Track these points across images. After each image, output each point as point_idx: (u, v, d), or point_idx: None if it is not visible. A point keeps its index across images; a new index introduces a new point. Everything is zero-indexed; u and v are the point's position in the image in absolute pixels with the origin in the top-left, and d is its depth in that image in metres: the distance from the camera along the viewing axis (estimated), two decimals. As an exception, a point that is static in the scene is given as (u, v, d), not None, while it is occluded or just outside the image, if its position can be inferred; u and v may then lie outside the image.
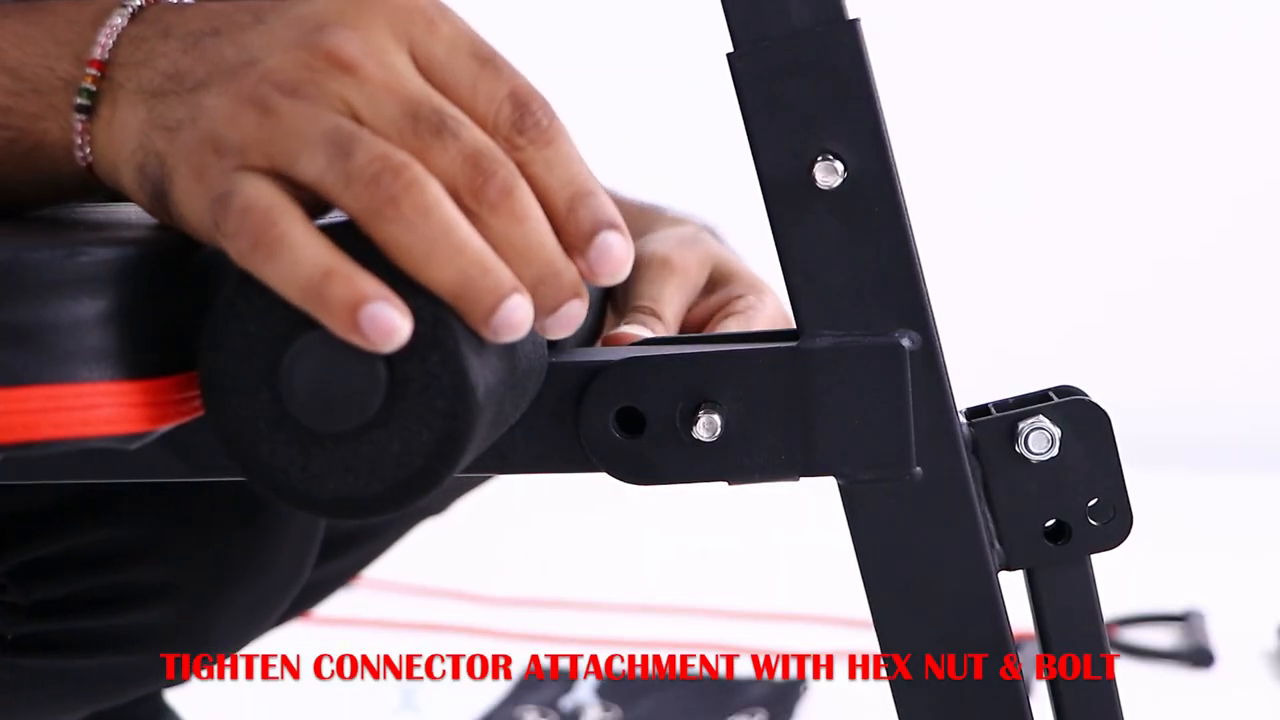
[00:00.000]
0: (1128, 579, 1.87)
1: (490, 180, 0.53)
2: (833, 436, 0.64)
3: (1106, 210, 2.60)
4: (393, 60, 0.54)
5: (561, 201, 0.54)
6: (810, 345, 0.63)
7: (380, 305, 0.51)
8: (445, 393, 0.53)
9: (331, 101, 0.53)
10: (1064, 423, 0.65)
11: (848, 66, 0.62)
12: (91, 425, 0.53)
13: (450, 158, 0.53)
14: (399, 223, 0.52)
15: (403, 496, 0.55)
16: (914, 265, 0.63)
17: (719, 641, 1.80)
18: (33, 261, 0.52)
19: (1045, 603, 0.67)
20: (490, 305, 0.52)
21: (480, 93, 0.55)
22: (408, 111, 0.53)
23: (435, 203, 0.52)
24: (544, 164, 0.54)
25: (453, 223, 0.52)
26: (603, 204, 0.55)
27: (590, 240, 0.54)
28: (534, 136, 0.54)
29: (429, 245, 0.52)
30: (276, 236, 0.51)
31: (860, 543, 0.65)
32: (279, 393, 0.54)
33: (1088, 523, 0.66)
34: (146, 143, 0.56)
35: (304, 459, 0.54)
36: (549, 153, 0.54)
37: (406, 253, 0.52)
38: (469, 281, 0.52)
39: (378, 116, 0.53)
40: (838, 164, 0.62)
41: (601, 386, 0.63)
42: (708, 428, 0.63)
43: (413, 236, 0.52)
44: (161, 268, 0.55)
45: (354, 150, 0.52)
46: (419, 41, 0.55)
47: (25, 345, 0.52)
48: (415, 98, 0.53)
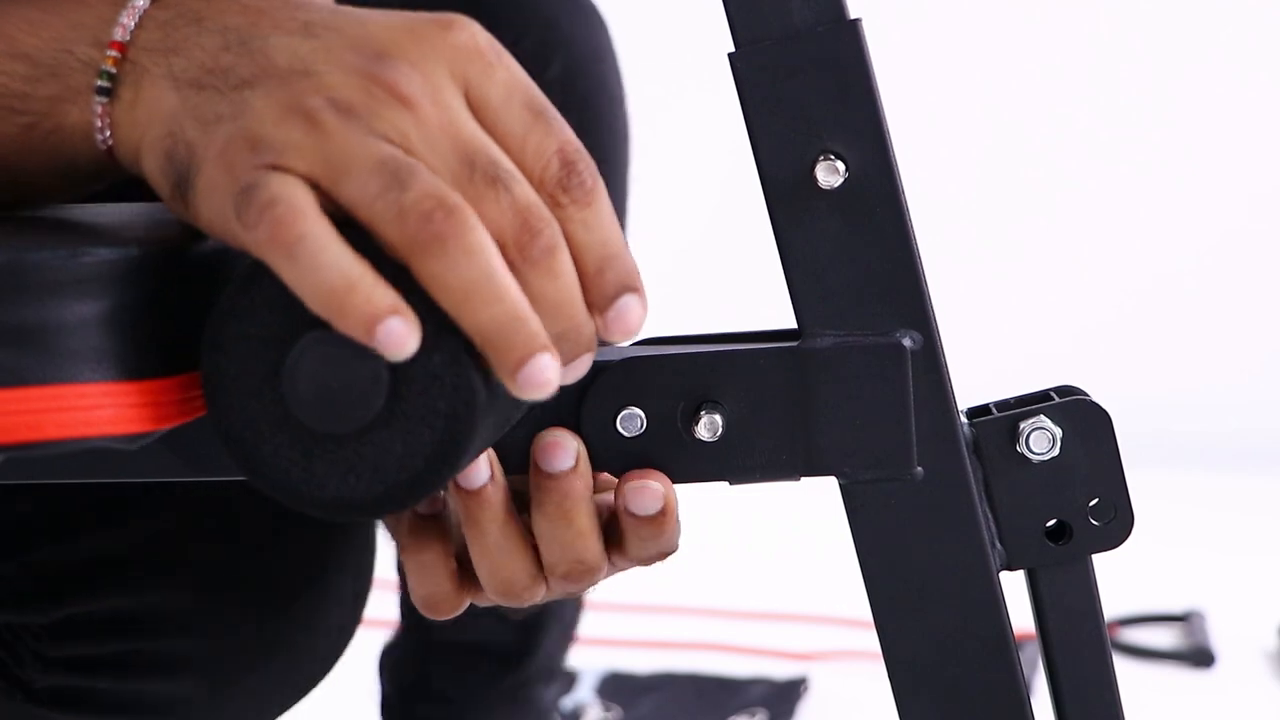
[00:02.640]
0: (1128, 579, 1.88)
1: (537, 238, 0.54)
2: (834, 436, 0.64)
3: (1108, 211, 2.60)
4: (449, 101, 0.54)
5: (593, 261, 0.56)
6: (812, 345, 0.63)
7: (397, 320, 0.52)
8: (447, 393, 0.53)
9: (386, 131, 0.53)
10: (1065, 423, 0.65)
11: (849, 66, 0.62)
12: (94, 425, 0.53)
13: (501, 210, 0.54)
14: (444, 260, 0.52)
15: (404, 497, 0.55)
16: (915, 265, 0.63)
17: (719, 641, 1.80)
18: (35, 262, 0.52)
19: (1046, 603, 0.66)
20: (521, 357, 0.53)
21: (530, 145, 0.55)
22: (464, 158, 0.54)
23: (481, 247, 0.53)
24: (582, 224, 0.56)
25: (496, 270, 0.53)
26: (629, 267, 0.56)
27: (612, 302, 0.56)
28: (577, 196, 0.55)
29: (470, 287, 0.52)
30: (298, 236, 0.52)
31: (861, 542, 0.65)
32: (281, 393, 0.54)
33: (1089, 523, 0.66)
34: (178, 130, 0.55)
35: (306, 460, 0.54)
36: (588, 213, 0.56)
37: (446, 290, 0.52)
38: (503, 330, 0.53)
39: (433, 156, 0.54)
40: (839, 164, 0.62)
41: (603, 387, 0.63)
42: (709, 428, 0.63)
43: (455, 276, 0.52)
44: (164, 268, 0.55)
45: (411, 183, 0.52)
46: (475, 84, 0.55)
47: (28, 346, 0.52)
48: (471, 145, 0.54)
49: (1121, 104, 2.58)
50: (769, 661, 1.77)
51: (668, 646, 1.79)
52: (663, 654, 1.79)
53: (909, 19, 2.44)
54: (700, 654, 1.79)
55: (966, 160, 2.59)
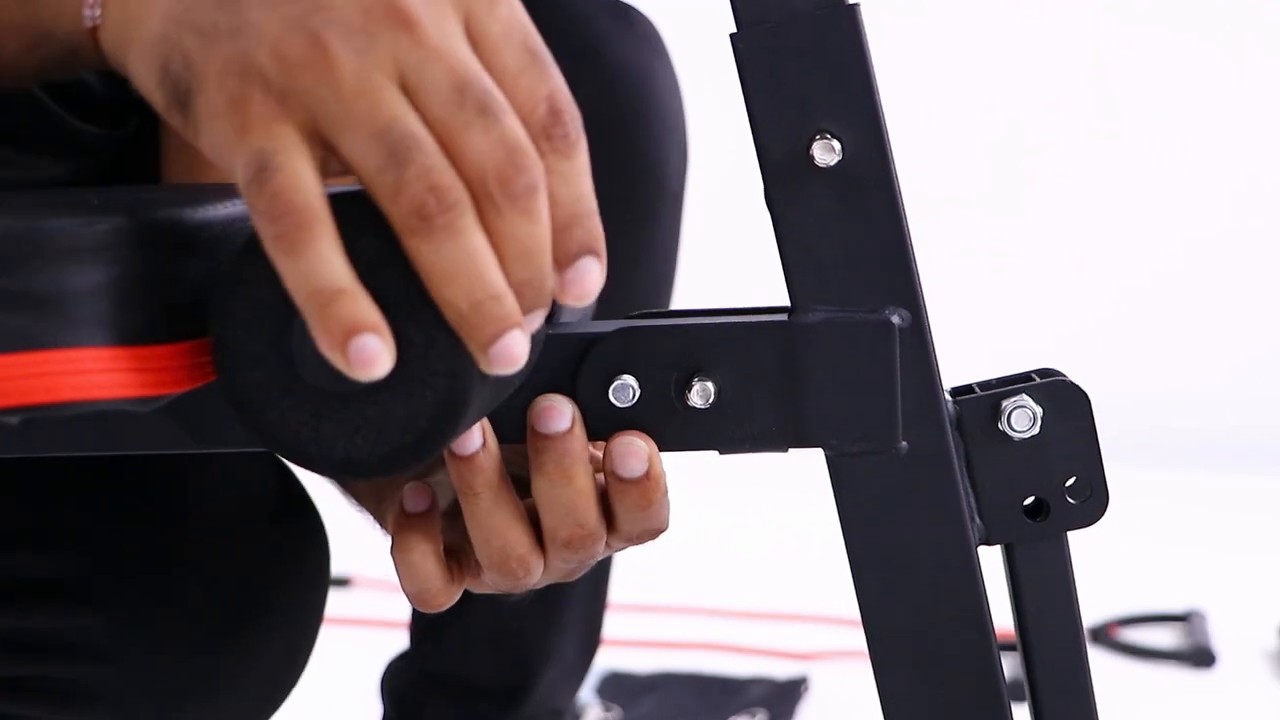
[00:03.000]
0: (1128, 579, 1.88)
1: (520, 174, 0.53)
2: (822, 409, 0.65)
3: (1106, 205, 2.60)
4: (451, 29, 0.54)
5: (563, 215, 0.55)
6: (803, 319, 0.65)
7: (371, 338, 0.52)
8: (445, 354, 0.55)
9: (384, 58, 0.53)
10: (1046, 402, 0.67)
11: (847, 50, 0.64)
12: (107, 389, 0.54)
13: (489, 140, 0.53)
14: (429, 241, 0.53)
15: (408, 457, 0.56)
16: (906, 245, 0.65)
17: (719, 641, 1.81)
18: (50, 229, 0.53)
19: (1022, 577, 0.68)
20: (492, 334, 0.53)
21: (522, 86, 0.55)
22: (456, 84, 0.53)
23: (466, 229, 0.53)
24: (559, 175, 0.55)
25: (476, 251, 0.53)
26: (596, 229, 0.56)
27: (574, 260, 0.55)
28: (560, 145, 0.55)
29: (450, 267, 0.53)
30: (304, 238, 0.52)
31: (845, 514, 0.67)
32: (289, 357, 0.55)
33: (1065, 501, 0.67)
34: (174, 37, 0.54)
35: (314, 421, 0.56)
36: (567, 165, 0.55)
37: (427, 268, 0.53)
38: (477, 308, 0.53)
39: (426, 83, 0.53)
40: (835, 143, 0.64)
41: (598, 356, 0.65)
42: (702, 395, 0.65)
43: (437, 256, 0.53)
44: (174, 236, 0.57)
45: (409, 162, 0.52)
46: (476, 17, 0.55)
47: (43, 311, 0.53)
48: (466, 73, 0.54)
49: (1120, 96, 2.58)
50: (769, 661, 1.77)
51: (668, 646, 1.80)
52: (663, 654, 1.79)
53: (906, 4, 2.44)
54: (700, 654, 1.79)
55: (964, 153, 2.59)
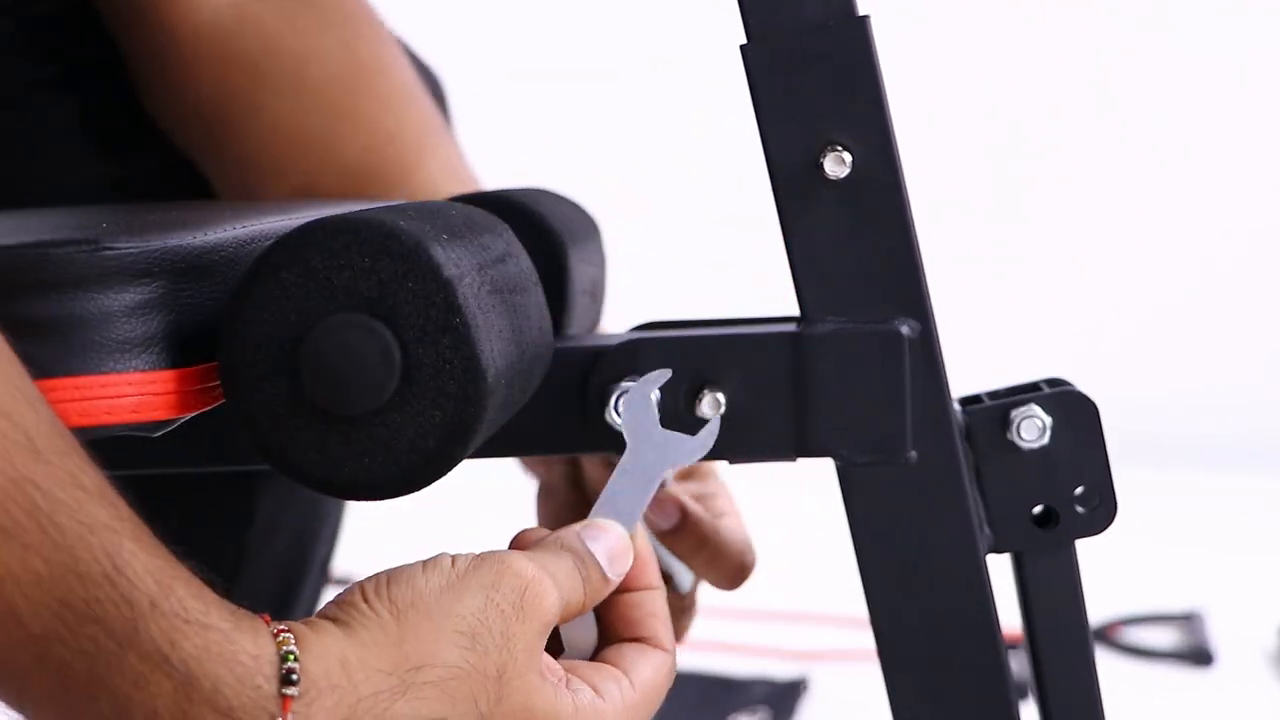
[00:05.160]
0: (1128, 579, 1.88)
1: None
2: (831, 419, 0.66)
3: (1109, 209, 2.60)
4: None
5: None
6: (812, 330, 0.65)
7: None
8: (457, 376, 0.55)
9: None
10: (1055, 412, 0.67)
11: (857, 61, 0.64)
12: (117, 414, 0.54)
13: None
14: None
15: (417, 478, 0.56)
16: (915, 256, 0.65)
17: (719, 641, 1.80)
18: (58, 256, 0.53)
19: (1031, 585, 0.68)
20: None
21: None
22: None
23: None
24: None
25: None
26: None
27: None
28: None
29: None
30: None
31: (855, 523, 0.67)
32: (298, 379, 0.55)
33: (1074, 509, 0.68)
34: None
35: (322, 443, 0.56)
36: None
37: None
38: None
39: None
40: (846, 155, 0.64)
41: (605, 368, 0.65)
42: (712, 406, 0.65)
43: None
44: (182, 261, 0.57)
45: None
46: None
47: (52, 338, 0.53)
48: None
49: (1126, 101, 2.58)
50: (769, 661, 1.76)
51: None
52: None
53: (915, 17, 2.45)
54: (700, 654, 1.79)
55: (970, 157, 2.59)
